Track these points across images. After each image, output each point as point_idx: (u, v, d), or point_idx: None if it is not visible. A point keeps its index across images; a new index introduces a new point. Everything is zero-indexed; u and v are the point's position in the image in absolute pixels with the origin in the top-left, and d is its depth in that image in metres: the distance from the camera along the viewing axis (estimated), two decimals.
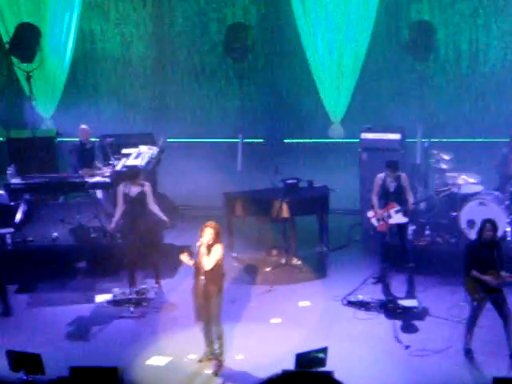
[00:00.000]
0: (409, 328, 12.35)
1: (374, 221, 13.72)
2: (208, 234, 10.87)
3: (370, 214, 13.79)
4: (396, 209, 13.53)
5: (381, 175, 13.72)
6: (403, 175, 13.70)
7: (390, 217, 13.52)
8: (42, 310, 13.43)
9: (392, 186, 13.64)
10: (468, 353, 11.28)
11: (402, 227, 13.68)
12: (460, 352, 11.43)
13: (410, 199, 13.62)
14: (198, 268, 10.99)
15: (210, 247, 10.87)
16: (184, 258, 11.11)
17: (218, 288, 11.04)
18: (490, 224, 11.27)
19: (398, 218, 13.56)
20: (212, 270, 10.88)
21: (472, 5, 18.67)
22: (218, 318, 11.11)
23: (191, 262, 11.03)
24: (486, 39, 18.78)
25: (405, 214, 13.57)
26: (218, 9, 19.83)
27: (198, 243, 10.95)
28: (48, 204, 16.25)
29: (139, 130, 17.84)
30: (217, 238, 10.95)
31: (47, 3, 19.46)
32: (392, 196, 13.62)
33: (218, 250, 10.91)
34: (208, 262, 10.84)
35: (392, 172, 13.57)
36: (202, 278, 10.93)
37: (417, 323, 12.49)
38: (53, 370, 10.62)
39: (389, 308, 12.74)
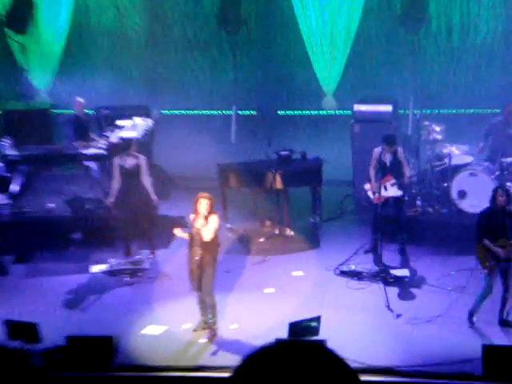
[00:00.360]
0: (400, 297, 12.38)
1: (369, 193, 13.71)
2: (203, 204, 10.86)
3: (367, 186, 13.78)
4: (392, 182, 13.52)
5: (378, 149, 13.69)
6: (399, 149, 13.69)
7: (385, 189, 13.51)
8: (38, 279, 13.43)
9: (388, 160, 13.62)
10: (471, 317, 11.23)
11: (398, 200, 13.66)
12: (450, 320, 11.47)
13: (407, 173, 13.60)
14: (192, 239, 10.99)
15: (206, 218, 10.86)
16: (177, 231, 11.12)
17: (213, 258, 11.04)
18: (501, 189, 11.29)
19: (393, 191, 13.56)
20: (209, 240, 10.90)
21: None
22: (211, 287, 11.10)
23: (185, 235, 11.03)
24: (477, 11, 18.72)
25: (400, 187, 13.56)
26: None
27: (192, 215, 10.95)
28: (43, 175, 16.21)
29: (134, 102, 17.78)
30: (212, 209, 10.95)
31: None
32: (388, 169, 13.60)
33: (214, 221, 10.91)
34: (206, 233, 10.84)
35: (389, 146, 13.55)
36: (198, 248, 10.93)
37: (408, 292, 12.52)
38: (49, 339, 10.69)
39: (381, 277, 12.76)
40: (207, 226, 10.85)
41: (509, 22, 18.67)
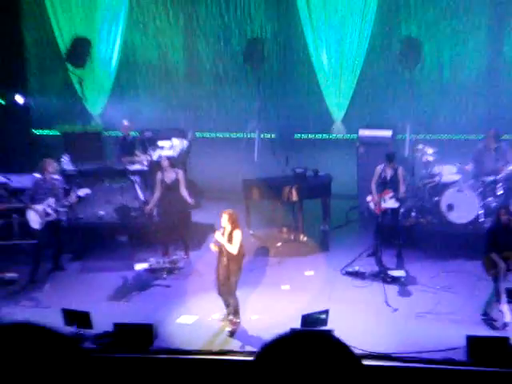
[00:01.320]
0: (397, 294, 12.34)
1: (371, 204, 13.68)
2: (225, 219, 10.83)
3: (369, 198, 13.74)
4: (390, 195, 13.47)
5: (380, 166, 13.65)
6: (401, 168, 13.63)
7: (384, 201, 13.47)
8: (90, 275, 13.47)
9: (389, 175, 13.58)
10: (485, 315, 11.08)
11: (394, 211, 13.63)
12: (439, 314, 11.42)
13: (403, 188, 13.56)
14: (220, 251, 10.99)
15: (230, 233, 10.85)
16: (212, 246, 11.04)
17: (238, 267, 11.02)
18: (503, 209, 11.20)
19: (390, 203, 13.51)
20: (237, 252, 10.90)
21: (453, 23, 18.56)
22: (234, 291, 11.09)
23: (216, 249, 10.98)
24: (465, 51, 18.67)
25: (397, 200, 13.52)
26: (239, 25, 19.78)
27: (219, 230, 10.93)
28: (95, 187, 16.24)
29: (172, 126, 17.80)
30: (234, 224, 10.89)
31: (97, 18, 19.44)
32: (388, 184, 13.55)
33: (238, 235, 10.85)
34: (233, 248, 10.81)
35: (390, 162, 13.50)
36: (225, 258, 10.92)
37: (404, 290, 12.48)
38: (99, 326, 10.72)
39: (380, 277, 12.72)
40: (232, 241, 10.82)
41: (491, 60, 18.61)
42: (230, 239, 10.84)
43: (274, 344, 2.15)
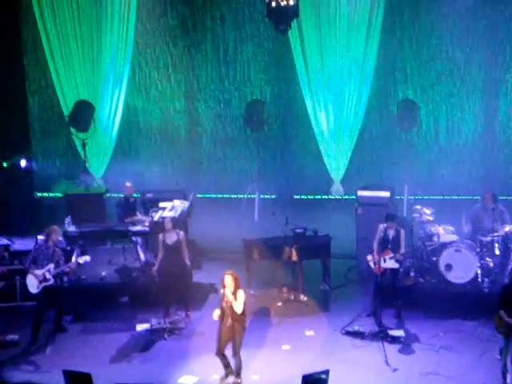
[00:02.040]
0: (397, 354, 12.34)
1: (371, 263, 13.73)
2: (228, 280, 10.94)
3: (369, 257, 13.77)
4: (390, 256, 13.54)
5: (383, 225, 13.72)
6: (402, 231, 13.70)
7: (384, 261, 13.53)
8: (92, 336, 13.46)
9: (391, 236, 13.65)
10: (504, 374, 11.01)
11: (394, 271, 13.68)
12: (438, 375, 11.42)
13: (402, 250, 13.62)
14: (224, 312, 11.06)
15: (234, 293, 10.94)
16: (215, 316, 11.16)
17: (243, 327, 11.10)
18: None
19: (390, 264, 13.56)
20: (241, 312, 10.97)
21: (448, 87, 18.90)
22: (239, 351, 11.15)
23: (217, 316, 11.10)
24: (460, 115, 18.96)
25: (397, 261, 13.59)
26: (238, 88, 20.09)
27: (222, 291, 11.02)
28: (97, 248, 16.28)
29: (173, 187, 17.91)
30: (237, 284, 11.01)
31: (100, 82, 19.76)
32: (390, 244, 13.62)
33: (241, 295, 10.96)
34: (238, 307, 10.90)
35: (391, 222, 13.59)
36: (229, 319, 10.98)
37: (403, 350, 12.48)
38: None
39: (380, 337, 12.73)
40: (237, 301, 10.91)
41: (487, 122, 18.86)
42: (235, 299, 10.93)
43: None
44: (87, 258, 13.75)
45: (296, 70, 19.31)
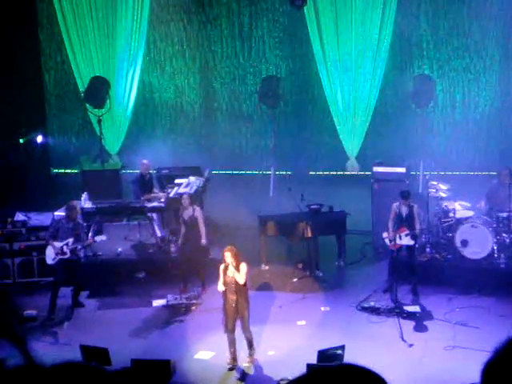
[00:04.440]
0: (412, 329, 12.33)
1: (386, 241, 13.66)
2: (228, 256, 10.96)
3: (385, 234, 13.70)
4: (406, 232, 13.46)
5: (396, 203, 13.64)
6: (415, 206, 13.63)
7: (400, 238, 13.46)
8: (109, 312, 13.53)
9: (404, 213, 13.57)
10: None
11: (409, 247, 13.62)
12: (454, 349, 11.40)
13: (418, 226, 13.56)
14: (227, 287, 11.06)
15: (237, 267, 10.95)
16: (220, 287, 11.18)
17: (247, 301, 11.14)
18: None
19: (406, 241, 13.50)
20: (243, 285, 10.97)
21: (464, 62, 18.73)
22: (248, 325, 11.16)
23: (223, 288, 11.10)
24: (476, 90, 18.79)
25: (412, 237, 13.52)
26: (254, 64, 20.00)
27: (222, 266, 11.03)
28: (114, 224, 16.32)
29: (189, 164, 17.91)
30: (238, 258, 11.02)
31: (115, 59, 19.72)
32: (404, 221, 13.54)
33: (244, 267, 11.04)
34: (240, 278, 10.94)
35: (405, 199, 13.52)
36: (232, 295, 10.98)
37: (419, 325, 12.47)
38: (118, 362, 10.76)
39: (396, 313, 12.71)
40: (239, 272, 10.93)
41: (502, 98, 18.70)
42: (237, 271, 10.98)
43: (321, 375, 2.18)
44: (103, 237, 13.81)
45: (311, 46, 19.19)
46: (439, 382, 10.36)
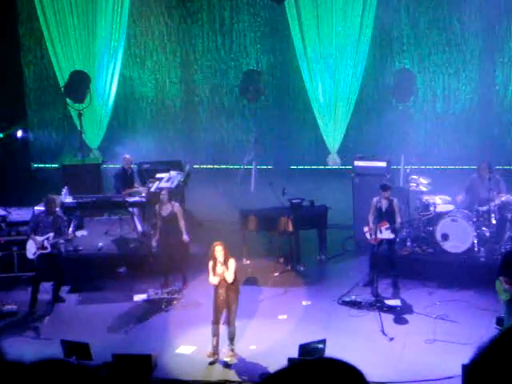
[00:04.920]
0: (393, 323, 12.36)
1: (367, 235, 13.65)
2: (219, 251, 10.93)
3: (366, 229, 13.65)
4: (386, 226, 13.47)
5: (376, 198, 13.62)
6: (395, 200, 13.64)
7: (381, 232, 13.48)
8: (89, 306, 13.47)
9: (384, 207, 13.58)
10: None
11: (390, 241, 13.64)
12: (435, 343, 11.45)
13: (398, 220, 13.58)
14: (217, 284, 11.05)
15: (225, 263, 10.94)
16: (212, 280, 11.17)
17: (236, 296, 11.14)
18: None
19: (386, 234, 13.51)
20: (233, 281, 10.98)
21: (445, 56, 18.82)
22: (235, 319, 11.17)
23: (216, 282, 11.09)
24: (457, 84, 18.87)
25: (393, 231, 13.54)
26: (235, 58, 19.99)
27: (211, 263, 11.01)
28: (94, 219, 16.26)
29: (170, 158, 17.88)
30: (227, 254, 11.01)
31: (95, 53, 19.65)
32: (384, 215, 13.53)
33: (232, 264, 11.01)
34: (229, 276, 10.93)
35: (385, 191, 13.53)
36: (223, 289, 10.99)
37: (400, 319, 12.50)
38: (99, 357, 10.72)
39: (377, 306, 12.74)
40: (228, 270, 10.92)
41: (483, 92, 18.79)
42: (226, 268, 10.94)
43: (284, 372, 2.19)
44: (84, 232, 13.75)
45: (292, 40, 19.19)
46: (420, 375, 10.40)
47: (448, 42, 18.71)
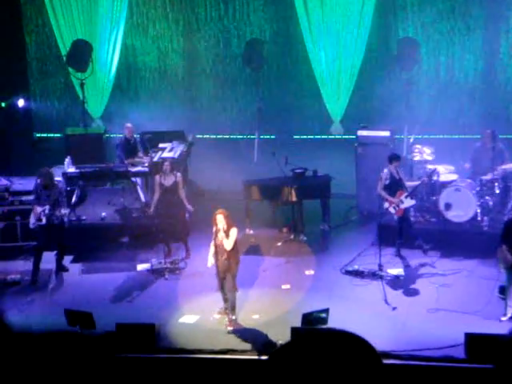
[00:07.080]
0: (396, 292, 12.35)
1: (391, 209, 13.34)
2: (220, 219, 10.92)
3: (386, 204, 13.35)
4: (405, 195, 13.34)
5: (386, 171, 13.46)
6: (400, 168, 13.57)
7: (402, 202, 13.34)
8: (93, 276, 13.49)
9: (397, 176, 13.45)
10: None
11: (405, 210, 13.54)
12: (438, 312, 11.45)
13: (406, 184, 13.48)
14: (217, 249, 11.06)
15: (227, 231, 10.92)
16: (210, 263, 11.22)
17: (236, 263, 11.16)
18: None
19: (408, 202, 13.37)
20: (232, 248, 10.97)
21: (449, 24, 18.66)
22: (233, 286, 11.18)
23: (213, 261, 11.10)
24: (461, 53, 18.73)
25: (412, 197, 13.42)
26: (238, 27, 19.84)
27: (214, 229, 11.00)
28: (97, 189, 16.22)
29: (173, 128, 17.81)
30: (229, 222, 10.98)
31: (98, 22, 19.51)
32: (397, 185, 13.39)
33: (233, 233, 11.00)
34: (228, 244, 10.93)
35: (396, 162, 13.37)
36: (222, 256, 11.00)
37: (402, 288, 12.50)
38: (102, 326, 10.73)
39: (380, 276, 12.72)
40: (228, 238, 10.91)
41: (488, 61, 18.66)
42: (226, 236, 10.94)
43: (288, 345, 2.16)
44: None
45: (295, 9, 19.02)
46: (423, 345, 10.40)
47: (452, 10, 18.55)
